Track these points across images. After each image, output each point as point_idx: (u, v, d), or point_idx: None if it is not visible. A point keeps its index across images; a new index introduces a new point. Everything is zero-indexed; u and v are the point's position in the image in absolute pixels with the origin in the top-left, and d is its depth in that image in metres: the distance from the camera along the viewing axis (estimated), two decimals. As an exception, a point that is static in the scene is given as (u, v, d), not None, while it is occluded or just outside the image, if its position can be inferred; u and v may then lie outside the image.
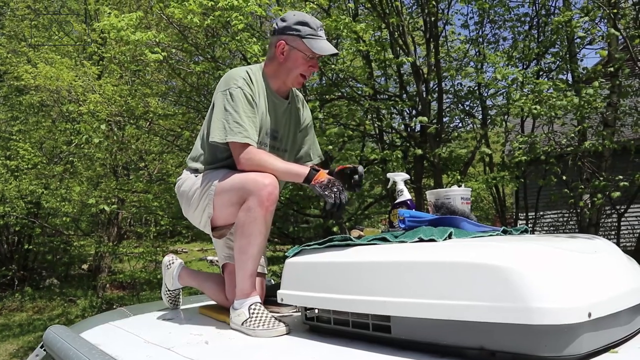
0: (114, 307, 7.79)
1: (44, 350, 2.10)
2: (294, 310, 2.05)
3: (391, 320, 1.40)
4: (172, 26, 5.61)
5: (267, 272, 2.30)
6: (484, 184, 5.64)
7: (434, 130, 5.37)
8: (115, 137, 7.79)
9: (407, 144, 6.32)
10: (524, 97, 4.92)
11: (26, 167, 9.60)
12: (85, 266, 14.75)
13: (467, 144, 6.94)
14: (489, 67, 6.04)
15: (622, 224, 6.47)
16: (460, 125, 6.79)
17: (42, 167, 9.77)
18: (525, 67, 6.15)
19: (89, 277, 12.99)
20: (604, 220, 6.65)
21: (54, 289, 12.29)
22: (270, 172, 1.91)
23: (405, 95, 6.31)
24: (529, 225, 6.32)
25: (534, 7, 6.25)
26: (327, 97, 6.21)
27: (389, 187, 2.19)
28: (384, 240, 1.60)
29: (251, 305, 1.85)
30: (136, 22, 5.19)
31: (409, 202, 2.03)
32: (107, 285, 11.48)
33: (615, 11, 5.05)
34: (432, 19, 5.69)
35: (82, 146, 8.64)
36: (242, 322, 1.82)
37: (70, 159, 10.23)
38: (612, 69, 5.22)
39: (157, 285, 10.09)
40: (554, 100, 4.72)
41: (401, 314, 1.35)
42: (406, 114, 6.58)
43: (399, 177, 2.13)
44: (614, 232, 6.62)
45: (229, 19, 4.80)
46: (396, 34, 5.83)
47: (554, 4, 6.21)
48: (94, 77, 8.85)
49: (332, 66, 5.92)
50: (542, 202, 6.65)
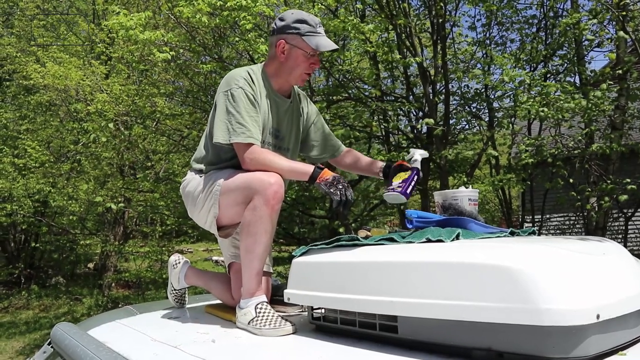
0: (120, 305, 7.81)
1: (52, 347, 2.11)
2: (300, 309, 2.05)
3: (398, 320, 1.39)
4: (180, 26, 5.62)
5: (273, 272, 2.30)
6: (490, 186, 5.63)
7: (441, 132, 5.36)
8: (122, 137, 7.81)
9: (414, 146, 6.31)
10: (531, 100, 4.90)
11: (34, 165, 9.64)
12: (91, 265, 14.81)
13: (474, 146, 6.93)
14: (496, 69, 6.04)
15: (629, 227, 6.44)
16: (466, 127, 6.78)
17: (50, 165, 9.81)
18: (532, 69, 6.14)
19: (95, 276, 13.04)
20: (611, 223, 6.62)
21: (60, 288, 12.34)
22: (275, 171, 1.91)
23: (412, 96, 6.31)
24: (535, 228, 6.30)
25: (542, 9, 6.23)
26: (333, 98, 6.21)
27: (406, 158, 2.25)
28: (392, 240, 1.60)
29: (257, 304, 1.85)
30: (145, 22, 5.21)
31: (417, 170, 2.11)
32: (113, 284, 11.51)
33: (624, 13, 5.02)
34: (440, 20, 5.69)
35: (90, 145, 8.67)
36: (249, 321, 1.82)
37: (77, 157, 10.27)
38: (620, 72, 5.20)
39: (163, 284, 10.12)
40: (562, 102, 4.70)
41: (408, 314, 1.35)
42: (413, 115, 6.58)
43: (418, 152, 2.21)
44: (621, 236, 6.58)
45: (237, 19, 4.82)
46: (403, 35, 5.83)
47: (562, 6, 6.20)
48: (102, 77, 8.89)
49: (339, 67, 5.92)
50: (548, 205, 6.63)
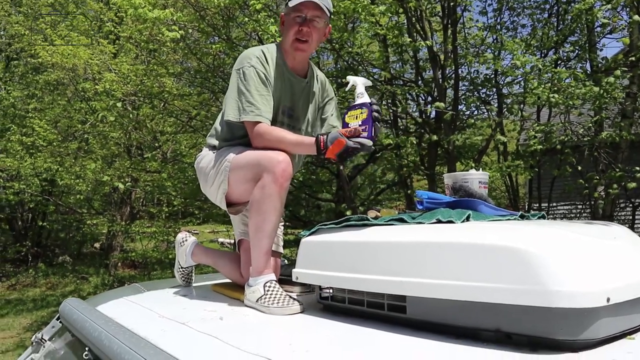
0: (126, 285, 7.88)
1: (60, 322, 2.13)
2: (308, 289, 2.06)
3: (407, 300, 1.40)
4: (190, 5, 5.59)
5: (282, 252, 2.30)
6: (498, 172, 5.61)
7: (449, 117, 5.33)
8: (130, 116, 7.82)
9: (422, 130, 6.29)
10: (542, 86, 4.86)
11: (41, 144, 9.68)
12: (97, 244, 14.92)
13: (482, 131, 6.89)
14: (506, 55, 5.98)
15: (636, 216, 6.42)
16: (475, 112, 6.74)
17: (57, 144, 9.84)
18: (543, 55, 6.07)
19: (101, 255, 13.14)
20: (618, 212, 6.59)
21: (66, 266, 12.46)
22: (281, 146, 1.92)
23: (421, 81, 6.27)
24: (544, 213, 6.28)
25: (555, -5, 6.16)
26: (342, 80, 6.18)
27: (347, 89, 2.11)
28: (402, 221, 1.59)
29: (266, 282, 1.86)
30: (154, 1, 5.18)
31: (369, 104, 1.86)
32: (119, 263, 11.61)
33: (638, -1, 4.96)
34: (451, 4, 5.63)
35: (97, 125, 8.69)
36: (257, 299, 1.83)
37: (85, 137, 10.30)
38: (633, 59, 5.13)
39: (169, 265, 10.18)
40: (573, 89, 4.66)
41: (417, 294, 1.35)
42: (421, 99, 6.54)
43: (359, 80, 1.97)
44: (627, 225, 6.56)
45: (246, 0, 4.78)
46: (414, 18, 5.77)
47: (575, -9, 6.11)
48: (110, 56, 8.87)
49: (349, 50, 5.88)
50: (555, 192, 6.61)
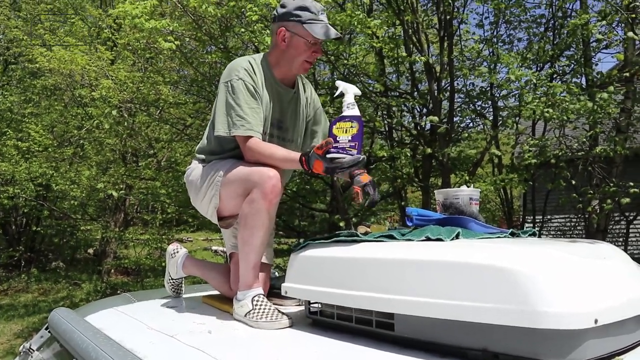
0: (118, 292, 7.84)
1: (49, 332, 2.12)
2: (297, 303, 2.05)
3: (395, 317, 1.39)
4: (187, 15, 5.60)
5: (272, 264, 2.30)
6: (492, 185, 5.62)
7: (444, 129, 5.35)
8: (125, 124, 7.81)
9: (416, 142, 6.30)
10: (537, 100, 4.88)
11: (37, 149, 9.65)
12: (91, 250, 14.84)
13: (477, 144, 6.92)
14: (502, 68, 6.01)
15: (630, 231, 6.43)
16: (470, 125, 6.77)
17: (53, 150, 9.82)
18: (539, 69, 6.11)
19: (94, 262, 13.07)
20: (612, 226, 6.60)
21: (59, 272, 12.38)
22: (271, 162, 1.91)
23: (416, 93, 6.29)
24: (536, 229, 6.29)
25: (551, 9, 6.20)
26: (335, 92, 6.19)
27: (336, 94, 1.99)
28: (391, 237, 1.59)
29: (254, 297, 1.85)
30: (151, 10, 5.19)
31: (359, 118, 1.79)
32: (112, 270, 11.54)
33: (633, 16, 4.99)
34: (447, 17, 5.66)
35: (93, 131, 8.68)
36: (245, 314, 1.83)
37: (80, 142, 10.28)
38: (627, 74, 5.17)
39: (162, 272, 10.13)
40: (567, 103, 4.68)
41: (405, 312, 1.35)
42: (417, 112, 6.56)
43: (350, 89, 1.90)
44: (621, 239, 6.58)
45: (243, 10, 4.80)
46: (410, 31, 5.80)
47: (571, 7, 6.16)
48: (108, 63, 8.87)
49: (345, 61, 5.90)
50: (550, 206, 6.62)
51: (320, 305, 1.70)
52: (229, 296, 2.14)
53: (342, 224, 5.72)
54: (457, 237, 1.54)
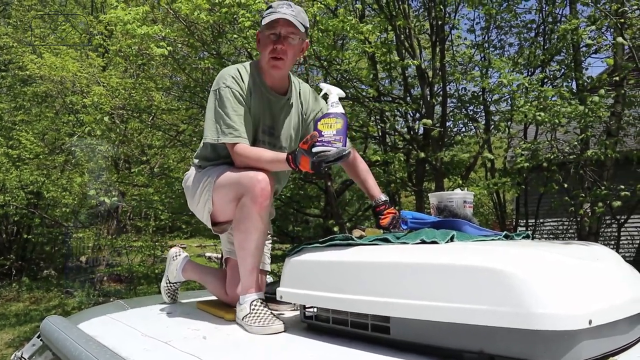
0: (111, 299, 7.78)
1: (41, 340, 2.10)
2: (293, 308, 2.04)
3: (390, 321, 1.39)
4: (179, 21, 5.60)
5: (268, 269, 2.29)
6: (485, 189, 5.64)
7: (437, 133, 5.36)
8: (117, 130, 7.78)
9: (410, 147, 6.32)
10: (528, 104, 4.91)
11: (28, 157, 9.59)
12: (83, 258, 14.74)
13: (470, 148, 6.95)
14: (494, 73, 6.05)
15: (621, 234, 6.46)
16: (463, 129, 6.79)
17: (44, 157, 9.77)
18: (530, 73, 6.15)
19: (87, 270, 12.98)
20: (603, 229, 6.64)
21: (51, 280, 12.28)
22: (259, 165, 1.91)
23: (409, 97, 6.31)
24: (529, 232, 6.31)
25: (541, 14, 6.25)
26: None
27: (320, 95, 2.02)
28: (386, 241, 1.59)
29: (253, 301, 1.86)
30: (142, 16, 5.19)
31: (344, 115, 1.82)
32: (105, 278, 11.47)
33: (622, 21, 5.04)
34: (439, 22, 5.69)
35: (85, 138, 8.63)
36: (243, 317, 1.84)
37: (72, 149, 10.22)
38: (617, 79, 5.21)
39: (155, 279, 10.08)
40: (559, 107, 4.71)
41: (401, 315, 1.35)
42: (410, 116, 6.58)
43: (334, 90, 1.90)
44: (613, 242, 6.60)
45: (235, 16, 4.80)
46: (402, 36, 5.83)
47: (560, 12, 6.21)
48: (99, 69, 8.85)
49: (337, 67, 5.92)
50: (542, 209, 6.64)
51: (315, 309, 1.69)
52: (224, 301, 2.15)
53: (336, 229, 5.71)
54: (451, 239, 1.54)
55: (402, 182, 6.55)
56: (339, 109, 1.83)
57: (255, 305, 1.84)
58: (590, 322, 1.14)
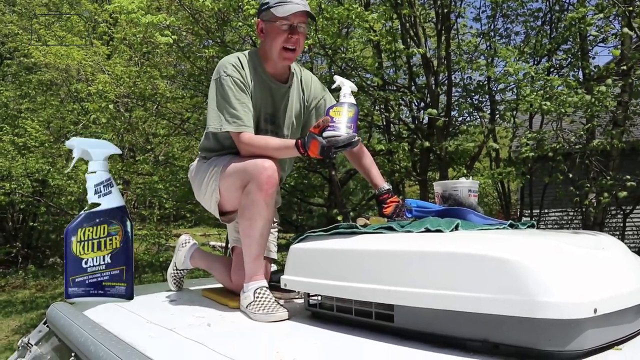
0: (116, 287, 7.81)
1: (47, 326, 2.12)
2: (298, 296, 2.05)
3: (395, 309, 1.39)
4: (183, 9, 5.57)
5: (274, 257, 2.29)
6: (490, 179, 5.62)
7: (442, 123, 5.34)
8: (122, 118, 7.78)
9: (414, 136, 6.30)
10: (534, 93, 4.87)
11: (33, 145, 9.61)
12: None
13: (475, 138, 6.92)
14: (499, 62, 6.00)
15: (627, 224, 6.44)
16: (468, 119, 6.76)
17: (49, 145, 9.78)
18: (536, 63, 6.10)
19: (92, 257, 13.03)
20: (609, 220, 6.62)
21: (57, 268, 12.36)
22: (266, 153, 1.91)
23: (414, 87, 6.28)
24: (534, 221, 6.29)
25: (548, 3, 6.18)
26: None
27: (333, 87, 2.04)
28: (390, 229, 1.59)
29: (257, 289, 1.86)
30: (147, 4, 5.16)
31: (355, 105, 1.88)
32: (110, 266, 11.51)
33: (630, 9, 4.98)
34: (445, 11, 5.65)
35: (90, 126, 8.64)
36: (247, 305, 1.84)
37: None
38: (624, 68, 5.16)
39: (159, 268, 10.13)
40: (565, 96, 4.68)
41: (405, 304, 1.35)
42: (414, 105, 6.55)
43: (347, 83, 1.96)
44: (618, 232, 6.59)
45: (240, 4, 4.78)
46: (407, 25, 5.79)
47: (568, 0, 6.14)
48: (104, 57, 8.83)
49: (342, 55, 5.89)
50: (547, 199, 6.62)
51: (319, 297, 1.70)
52: (230, 288, 2.16)
53: (340, 218, 5.71)
54: (456, 228, 1.54)
55: (406, 171, 6.54)
56: (351, 100, 1.88)
57: (259, 293, 1.85)
58: (595, 310, 1.13)
